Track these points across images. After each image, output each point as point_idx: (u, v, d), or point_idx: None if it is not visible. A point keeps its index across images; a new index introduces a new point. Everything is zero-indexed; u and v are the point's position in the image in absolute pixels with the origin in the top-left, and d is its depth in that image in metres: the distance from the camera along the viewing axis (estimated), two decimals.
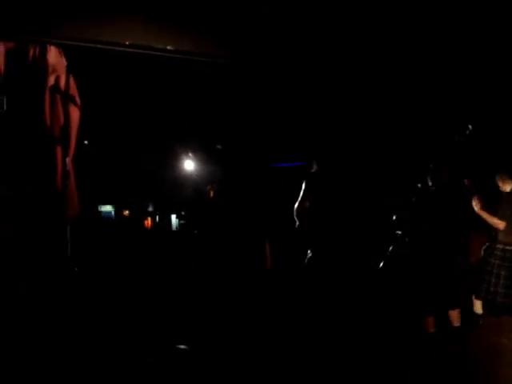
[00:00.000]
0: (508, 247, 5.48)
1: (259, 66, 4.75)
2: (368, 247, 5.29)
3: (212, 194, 5.28)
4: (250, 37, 4.43)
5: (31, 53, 3.85)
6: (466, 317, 5.27)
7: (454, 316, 4.98)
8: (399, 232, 5.63)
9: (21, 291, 3.61)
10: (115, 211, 12.38)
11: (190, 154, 8.91)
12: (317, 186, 4.99)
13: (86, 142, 7.52)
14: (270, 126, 6.77)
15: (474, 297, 5.62)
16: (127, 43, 4.09)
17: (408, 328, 5.21)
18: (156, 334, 4.81)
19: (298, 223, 5.11)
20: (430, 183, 5.14)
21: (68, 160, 3.87)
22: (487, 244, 5.69)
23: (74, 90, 4.09)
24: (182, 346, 4.54)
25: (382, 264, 5.60)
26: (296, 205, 5.11)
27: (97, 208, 11.98)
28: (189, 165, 9.15)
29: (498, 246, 5.51)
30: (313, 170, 5.18)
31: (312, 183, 5.04)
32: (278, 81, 5.24)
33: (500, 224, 5.40)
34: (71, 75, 4.05)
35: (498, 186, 5.60)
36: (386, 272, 5.57)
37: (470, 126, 6.54)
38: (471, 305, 5.59)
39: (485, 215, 5.43)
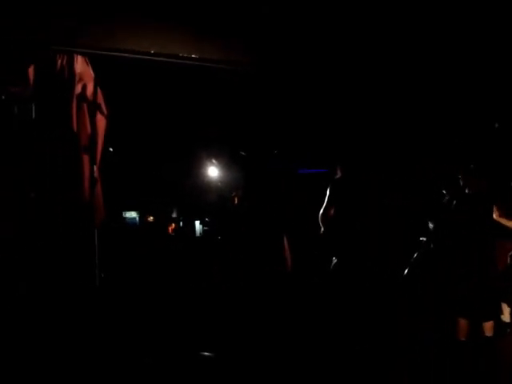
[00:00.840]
0: None
1: (283, 72, 4.76)
2: (393, 254, 5.24)
3: (236, 200, 5.29)
4: (273, 43, 4.46)
5: (59, 62, 3.93)
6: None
7: (488, 326, 4.90)
8: (424, 238, 5.57)
9: (50, 296, 3.67)
10: (140, 217, 12.48)
11: (214, 161, 8.96)
12: (341, 192, 4.97)
13: (111, 150, 7.62)
14: (295, 131, 6.77)
15: (502, 304, 5.53)
16: (152, 52, 4.15)
17: (437, 335, 5.16)
18: (179, 339, 4.84)
19: (322, 229, 5.08)
20: (461, 188, 5.05)
21: (95, 168, 3.93)
22: None
23: (100, 99, 4.16)
24: (207, 353, 4.56)
25: (406, 271, 5.55)
26: (321, 211, 5.09)
27: (122, 214, 12.10)
28: (213, 171, 9.20)
29: None
30: (337, 177, 5.16)
31: (336, 190, 5.01)
32: (301, 87, 5.25)
33: None
34: (98, 84, 4.13)
35: None
36: (411, 279, 5.52)
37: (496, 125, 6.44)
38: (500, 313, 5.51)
39: (504, 221, 5.34)
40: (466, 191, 4.95)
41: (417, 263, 5.57)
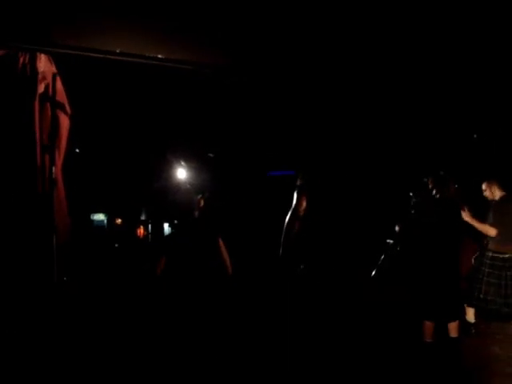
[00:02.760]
0: (497, 255, 5.52)
1: (253, 74, 4.74)
2: (359, 256, 5.27)
3: (202, 203, 5.24)
4: (243, 45, 4.42)
5: (21, 60, 3.81)
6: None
7: (453, 326, 4.96)
8: (390, 241, 5.63)
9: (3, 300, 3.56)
10: (108, 220, 12.34)
11: (183, 163, 8.89)
12: (306, 197, 4.86)
13: (77, 151, 7.50)
14: (265, 134, 6.76)
15: (466, 305, 5.64)
16: (118, 51, 4.07)
17: (403, 336, 5.21)
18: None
19: (284, 235, 4.94)
20: (428, 193, 5.10)
21: (54, 169, 3.82)
22: (478, 253, 5.74)
23: (63, 98, 4.06)
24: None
25: (373, 272, 5.59)
26: (287, 218, 4.97)
27: (89, 217, 11.94)
28: (181, 173, 9.13)
29: (487, 253, 5.58)
30: (301, 183, 5.04)
31: (301, 194, 4.90)
32: (271, 89, 5.23)
33: (491, 231, 5.43)
34: (61, 83, 4.03)
35: (484, 193, 5.67)
36: (377, 280, 5.56)
37: (474, 136, 6.56)
38: (464, 313, 5.61)
39: (476, 223, 5.45)
40: (434, 194, 5.01)
41: (384, 265, 5.61)
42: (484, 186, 5.72)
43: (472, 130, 6.47)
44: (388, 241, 5.66)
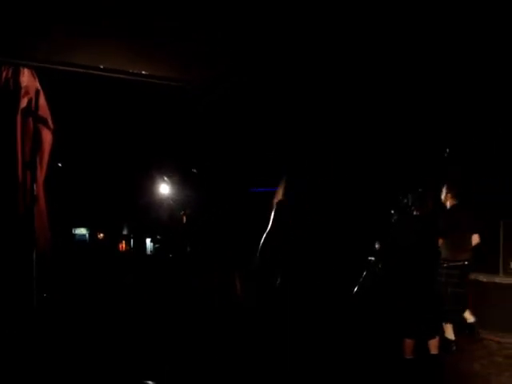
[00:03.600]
0: (451, 263, 5.51)
1: (233, 90, 4.78)
2: (341, 274, 5.28)
3: (185, 218, 5.23)
4: (223, 62, 4.45)
5: (4, 74, 3.82)
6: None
7: (433, 344, 4.97)
8: (372, 258, 5.65)
9: None
10: (89, 234, 12.25)
11: (166, 178, 8.86)
12: (284, 215, 4.79)
13: (59, 165, 7.45)
14: (248, 150, 6.78)
15: (443, 323, 5.61)
16: (101, 67, 4.08)
17: (384, 353, 5.21)
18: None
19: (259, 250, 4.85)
20: (410, 209, 5.13)
21: (36, 185, 3.79)
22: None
23: (46, 113, 4.05)
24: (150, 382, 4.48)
25: (355, 289, 5.61)
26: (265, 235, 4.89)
27: (71, 231, 11.83)
28: (164, 188, 9.08)
29: (443, 264, 5.55)
30: (281, 200, 4.97)
31: (279, 212, 4.82)
32: (251, 105, 5.27)
33: (439, 240, 5.37)
34: (44, 98, 4.02)
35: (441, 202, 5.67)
36: (359, 297, 5.57)
37: (447, 150, 6.62)
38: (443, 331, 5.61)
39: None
40: (412, 212, 5.04)
41: (366, 283, 5.64)
42: (443, 195, 5.79)
43: (445, 145, 6.54)
44: (370, 258, 5.69)
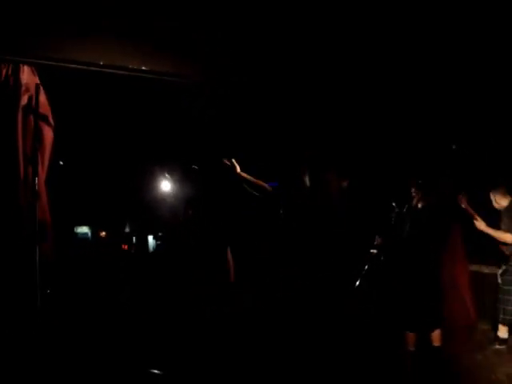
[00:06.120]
0: None
1: (234, 86, 4.77)
2: (343, 266, 5.27)
3: (187, 213, 5.25)
4: (224, 58, 4.46)
5: (4, 72, 3.81)
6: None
7: (435, 336, 4.98)
8: (374, 251, 5.65)
9: None
10: (92, 232, 12.27)
11: (167, 175, 8.88)
12: (290, 209, 4.82)
13: (61, 163, 7.46)
14: (249, 144, 6.78)
15: (499, 323, 5.39)
16: (101, 63, 4.08)
17: (387, 345, 5.21)
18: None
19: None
20: (410, 202, 5.11)
21: (38, 181, 3.80)
22: (503, 267, 5.44)
23: (47, 110, 4.05)
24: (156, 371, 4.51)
25: (357, 282, 5.60)
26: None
27: (73, 229, 11.86)
28: (166, 185, 9.11)
29: (510, 263, 5.31)
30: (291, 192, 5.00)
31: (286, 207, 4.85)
32: (252, 99, 5.27)
33: (508, 237, 5.20)
34: (45, 95, 4.02)
35: (492, 202, 5.48)
36: (361, 290, 5.57)
37: (453, 146, 6.60)
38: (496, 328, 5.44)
39: (492, 232, 5.26)
40: (414, 203, 5.04)
41: (368, 275, 5.64)
42: (491, 197, 5.51)
43: (452, 140, 6.52)
44: (372, 251, 5.68)
